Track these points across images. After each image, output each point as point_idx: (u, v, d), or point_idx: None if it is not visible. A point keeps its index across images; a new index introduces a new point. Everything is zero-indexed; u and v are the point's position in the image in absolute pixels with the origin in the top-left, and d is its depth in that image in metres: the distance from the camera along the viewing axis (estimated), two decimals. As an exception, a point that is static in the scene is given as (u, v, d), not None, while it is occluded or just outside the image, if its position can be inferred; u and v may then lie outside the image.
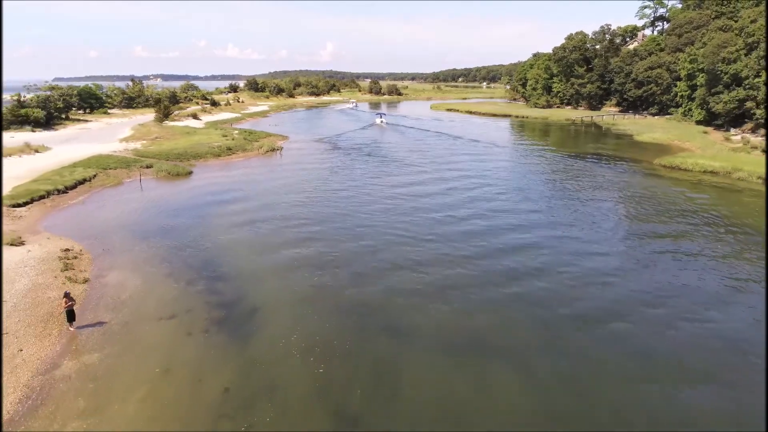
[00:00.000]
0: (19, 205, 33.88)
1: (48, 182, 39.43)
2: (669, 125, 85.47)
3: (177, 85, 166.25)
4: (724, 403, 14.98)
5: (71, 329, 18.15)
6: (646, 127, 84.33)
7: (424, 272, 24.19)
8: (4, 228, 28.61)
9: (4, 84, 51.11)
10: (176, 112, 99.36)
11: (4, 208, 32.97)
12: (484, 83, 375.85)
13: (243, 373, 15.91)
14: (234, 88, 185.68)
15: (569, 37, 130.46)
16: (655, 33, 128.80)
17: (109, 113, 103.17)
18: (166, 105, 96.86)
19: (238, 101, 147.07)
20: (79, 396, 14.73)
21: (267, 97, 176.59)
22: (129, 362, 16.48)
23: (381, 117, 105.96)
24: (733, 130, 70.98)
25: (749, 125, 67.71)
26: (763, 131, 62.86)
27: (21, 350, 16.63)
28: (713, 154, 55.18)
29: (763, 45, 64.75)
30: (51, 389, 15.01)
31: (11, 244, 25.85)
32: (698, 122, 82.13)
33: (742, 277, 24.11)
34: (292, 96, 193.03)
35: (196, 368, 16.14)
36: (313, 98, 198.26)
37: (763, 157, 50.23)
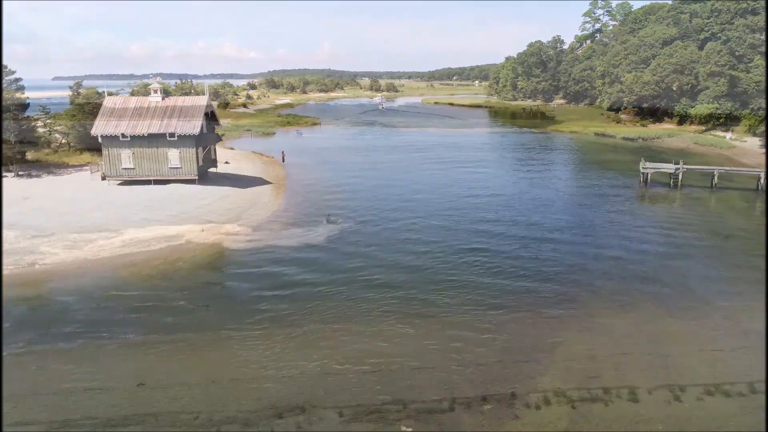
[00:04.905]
0: (208, 141, 68.74)
1: (209, 133, 74.15)
2: (586, 111, 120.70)
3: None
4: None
5: (284, 163, 53.27)
6: (568, 113, 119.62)
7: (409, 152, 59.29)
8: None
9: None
10: (231, 103, 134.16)
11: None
12: (476, 81, 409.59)
13: (340, 165, 50.94)
14: (252, 86, 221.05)
15: (530, 45, 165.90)
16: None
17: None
18: (226, 98, 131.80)
19: (266, 96, 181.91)
20: (302, 171, 49.88)
21: (285, 94, 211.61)
22: (309, 170, 51.48)
23: (381, 104, 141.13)
24: (620, 113, 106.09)
25: (626, 110, 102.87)
26: (631, 110, 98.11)
27: (276, 166, 51.58)
28: (587, 125, 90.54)
29: (632, 57, 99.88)
30: (291, 170, 50.19)
31: (231, 149, 60.73)
32: (608, 109, 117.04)
33: (555, 162, 59.20)
34: (305, 92, 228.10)
35: (331, 170, 51.22)
36: (323, 94, 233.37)
37: (623, 127, 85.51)
